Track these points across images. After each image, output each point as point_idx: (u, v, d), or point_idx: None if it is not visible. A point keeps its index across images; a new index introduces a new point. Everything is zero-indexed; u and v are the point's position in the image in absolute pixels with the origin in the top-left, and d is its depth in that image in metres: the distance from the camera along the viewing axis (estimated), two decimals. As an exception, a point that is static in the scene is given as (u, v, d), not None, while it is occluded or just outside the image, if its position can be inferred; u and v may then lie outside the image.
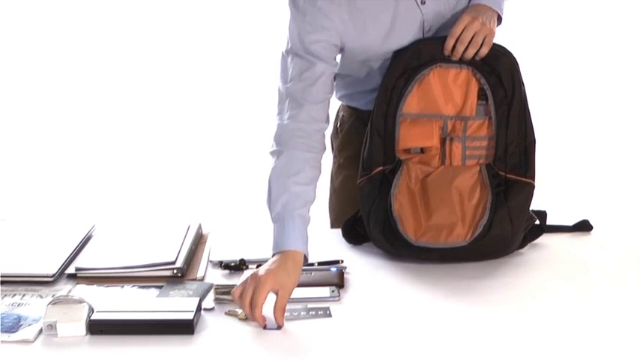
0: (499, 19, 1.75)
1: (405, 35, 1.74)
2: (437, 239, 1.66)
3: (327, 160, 2.07)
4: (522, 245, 1.76)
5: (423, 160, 1.73)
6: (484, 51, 1.70)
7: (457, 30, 1.69)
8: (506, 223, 1.69)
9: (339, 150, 2.03)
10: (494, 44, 1.76)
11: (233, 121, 3.54)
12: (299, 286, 1.56)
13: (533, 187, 1.73)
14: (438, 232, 1.65)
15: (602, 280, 1.62)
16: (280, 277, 1.48)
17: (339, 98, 1.99)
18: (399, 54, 1.75)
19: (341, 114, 2.02)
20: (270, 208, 1.63)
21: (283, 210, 1.60)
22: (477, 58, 1.71)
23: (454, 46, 1.69)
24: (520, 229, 1.72)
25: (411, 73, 1.73)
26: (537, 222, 1.80)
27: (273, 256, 1.55)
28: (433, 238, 1.66)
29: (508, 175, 1.72)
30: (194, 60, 3.54)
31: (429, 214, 1.67)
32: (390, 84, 1.73)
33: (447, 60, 1.72)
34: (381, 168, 1.73)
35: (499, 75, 1.73)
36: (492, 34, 1.71)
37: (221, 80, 3.54)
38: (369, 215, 1.73)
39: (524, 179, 1.72)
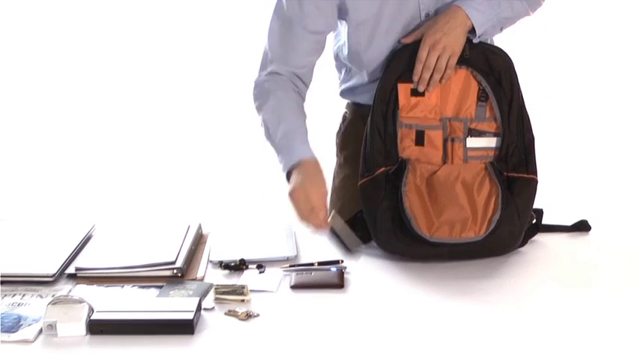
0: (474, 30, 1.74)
1: (399, 14, 1.75)
2: (451, 234, 1.65)
3: (329, 160, 2.08)
4: (523, 243, 1.76)
5: (427, 159, 1.74)
6: (449, 73, 1.71)
7: (422, 55, 1.70)
8: (515, 218, 1.69)
9: (340, 149, 2.03)
10: (490, 45, 1.77)
11: (233, 122, 3.54)
12: (299, 287, 1.57)
13: (537, 182, 1.74)
14: (451, 228, 1.65)
15: (600, 280, 1.62)
16: (310, 189, 1.65)
17: (342, 94, 1.98)
18: (397, 54, 1.76)
19: (344, 111, 2.03)
20: (272, 139, 1.76)
21: (285, 136, 1.74)
22: (443, 81, 1.72)
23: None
24: (525, 224, 1.73)
25: (409, 74, 1.73)
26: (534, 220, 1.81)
27: (287, 176, 1.70)
28: (447, 233, 1.65)
29: (510, 174, 1.73)
30: (194, 61, 3.54)
31: (439, 212, 1.66)
32: (389, 85, 1.74)
33: None
34: (383, 169, 1.73)
35: (498, 76, 1.73)
36: (456, 54, 1.71)
37: (221, 81, 3.55)
38: (375, 217, 1.72)
39: (526, 175, 1.73)
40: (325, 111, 2.02)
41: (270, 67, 1.82)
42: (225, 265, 1.67)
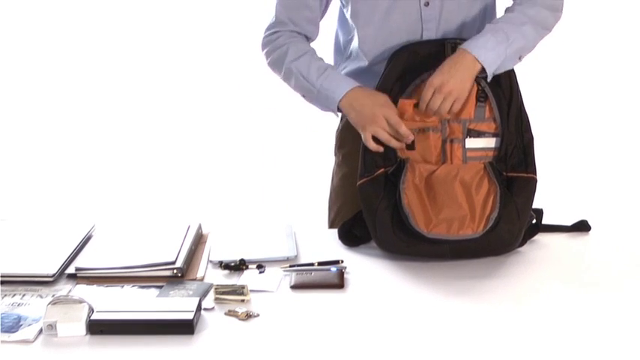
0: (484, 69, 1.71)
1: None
2: (449, 231, 1.65)
3: (328, 159, 2.08)
4: (523, 243, 1.76)
5: (426, 159, 1.74)
6: (456, 108, 1.71)
7: (427, 95, 1.69)
8: (515, 217, 1.69)
9: (338, 147, 2.03)
10: None
11: (233, 122, 3.54)
12: (298, 287, 1.57)
13: (536, 181, 1.74)
14: (449, 225, 1.65)
15: (600, 280, 1.62)
16: (381, 108, 1.71)
17: None
18: (395, 55, 1.76)
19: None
20: (307, 81, 1.79)
21: (323, 72, 1.78)
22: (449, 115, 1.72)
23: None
24: (525, 223, 1.73)
25: (409, 77, 1.73)
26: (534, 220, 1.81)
27: (339, 109, 1.78)
28: (445, 230, 1.65)
29: (509, 174, 1.73)
30: (194, 60, 3.54)
31: (437, 210, 1.67)
32: (388, 86, 1.74)
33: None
34: (382, 170, 1.73)
35: (497, 76, 1.73)
36: (461, 99, 1.69)
37: (221, 81, 3.55)
38: (374, 216, 1.71)
39: (525, 175, 1.73)
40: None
41: (277, 26, 1.85)
42: (225, 265, 1.67)
